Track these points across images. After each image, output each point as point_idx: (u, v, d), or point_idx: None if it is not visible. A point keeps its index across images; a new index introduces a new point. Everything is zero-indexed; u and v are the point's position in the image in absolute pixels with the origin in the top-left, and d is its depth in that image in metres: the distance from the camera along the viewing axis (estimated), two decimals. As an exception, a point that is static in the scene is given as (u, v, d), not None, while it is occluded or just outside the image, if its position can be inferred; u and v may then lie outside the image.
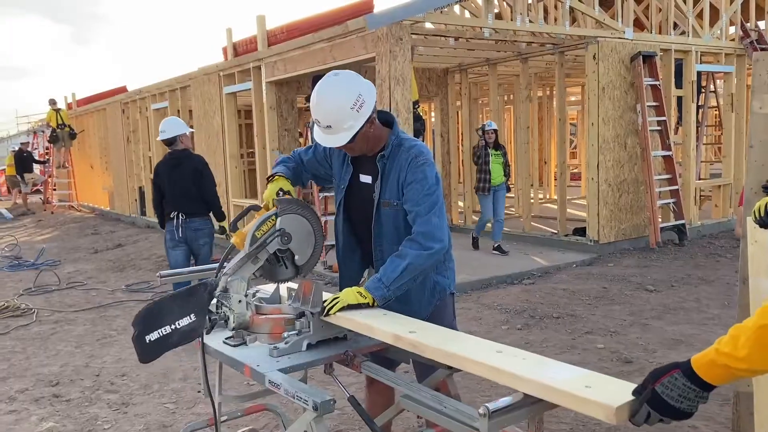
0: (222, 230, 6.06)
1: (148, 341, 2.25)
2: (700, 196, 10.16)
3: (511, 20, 7.81)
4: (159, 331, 2.26)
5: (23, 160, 17.52)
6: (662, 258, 8.14)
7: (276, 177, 2.66)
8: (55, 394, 4.47)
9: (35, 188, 19.11)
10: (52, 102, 16.48)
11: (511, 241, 9.45)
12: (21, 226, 14.66)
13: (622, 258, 8.24)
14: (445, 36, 7.76)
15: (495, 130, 8.59)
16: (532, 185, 11.85)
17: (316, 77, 8.50)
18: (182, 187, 5.68)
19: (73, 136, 16.56)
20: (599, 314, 5.92)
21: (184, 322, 2.29)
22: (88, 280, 8.26)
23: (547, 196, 13.82)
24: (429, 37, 7.93)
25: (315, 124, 2.43)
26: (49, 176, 18.25)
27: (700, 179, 10.24)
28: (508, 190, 9.02)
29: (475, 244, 8.97)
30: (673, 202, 8.87)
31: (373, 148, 2.51)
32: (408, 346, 1.94)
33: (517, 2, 7.62)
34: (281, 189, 2.62)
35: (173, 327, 2.27)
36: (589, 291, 6.70)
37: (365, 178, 2.57)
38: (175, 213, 5.70)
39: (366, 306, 2.29)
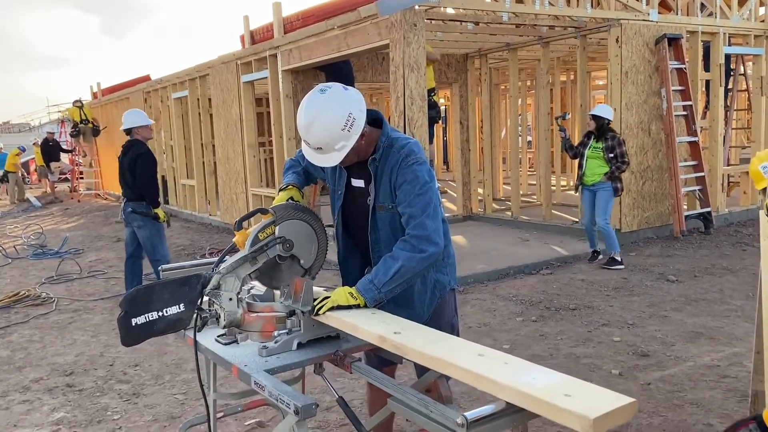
0: (156, 217, 6.38)
1: (133, 324, 2.25)
2: (729, 182, 9.87)
3: (531, 3, 7.61)
4: (146, 315, 2.25)
5: (50, 149, 17.80)
6: (686, 247, 7.93)
7: (288, 187, 2.65)
8: (68, 384, 4.53)
9: (62, 177, 19.46)
10: (76, 100, 16.85)
11: (531, 231, 9.33)
12: (49, 214, 14.94)
13: (644, 247, 8.06)
14: (462, 21, 7.61)
15: (594, 116, 7.18)
16: (554, 172, 11.66)
17: (323, 67, 8.33)
18: (123, 173, 6.41)
19: (96, 132, 16.81)
20: (617, 306, 5.79)
21: (173, 310, 2.28)
22: (108, 268, 8.36)
23: (571, 183, 13.58)
24: (447, 23, 7.79)
25: (304, 144, 2.37)
26: (76, 165, 18.55)
27: (728, 165, 9.93)
28: (617, 192, 7.19)
29: (593, 257, 7.44)
30: (698, 189, 8.63)
31: (366, 154, 2.42)
32: (392, 348, 1.89)
33: (536, -15, 7.43)
34: (291, 198, 2.62)
35: (160, 314, 2.26)
36: (608, 281, 6.56)
37: (357, 182, 2.50)
38: (122, 196, 6.62)
39: (356, 308, 2.24)
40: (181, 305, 2.31)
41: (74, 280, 7.78)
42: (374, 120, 2.45)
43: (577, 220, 9.19)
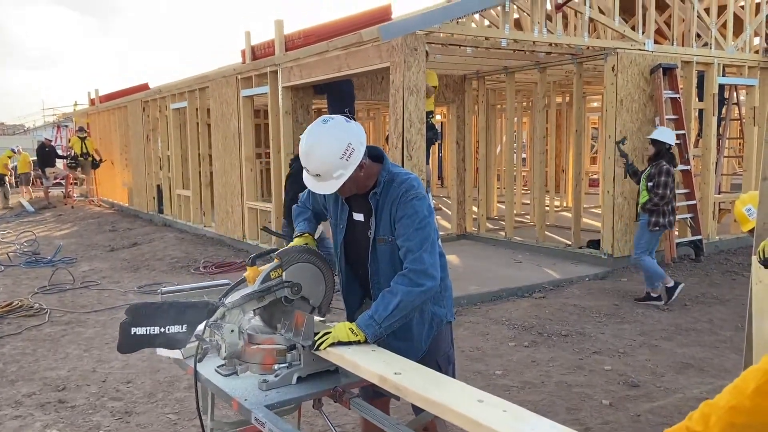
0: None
1: (133, 333, 2.30)
2: (720, 209, 9.99)
3: (530, 30, 7.72)
4: (148, 328, 2.31)
5: (46, 155, 17.76)
6: (677, 274, 7.98)
7: (303, 234, 2.72)
8: (60, 400, 4.53)
9: (56, 181, 19.41)
10: (80, 129, 16.91)
11: (524, 252, 9.40)
12: (42, 220, 14.89)
13: (636, 273, 8.11)
14: (461, 45, 7.71)
15: (653, 141, 6.70)
16: (548, 192, 11.76)
17: (319, 86, 8.37)
18: None
19: (95, 165, 16.86)
20: (609, 333, 5.84)
21: (174, 329, 2.35)
22: (102, 279, 8.35)
23: (565, 204, 13.71)
24: (447, 46, 7.87)
25: (305, 171, 2.43)
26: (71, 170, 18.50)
27: (720, 193, 10.06)
28: (654, 225, 6.63)
29: (669, 293, 6.67)
30: (690, 217, 8.72)
31: (365, 187, 2.50)
32: (392, 389, 1.93)
33: (535, 12, 7.55)
34: (306, 245, 2.69)
35: (162, 330, 2.32)
36: (600, 308, 6.61)
37: (358, 216, 2.58)
38: None
39: (357, 343, 2.28)
40: (184, 326, 2.37)
41: (67, 291, 7.76)
42: (376, 156, 2.53)
43: (570, 243, 9.28)
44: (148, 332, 2.32)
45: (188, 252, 9.93)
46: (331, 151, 2.33)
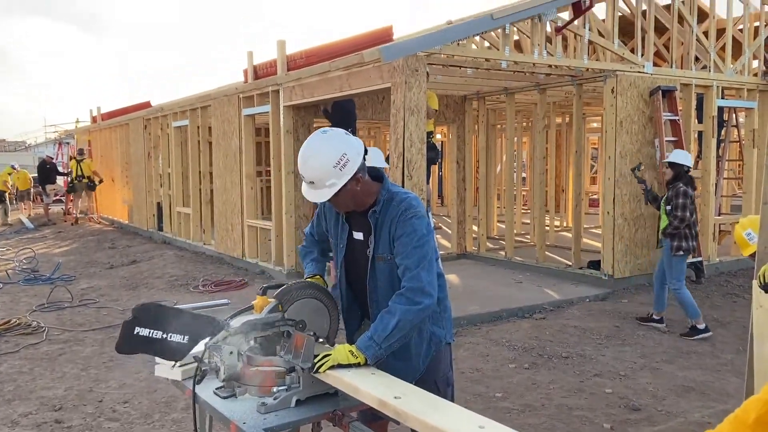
0: None
1: (135, 333, 2.29)
2: (720, 230, 9.99)
3: (530, 52, 7.79)
4: (151, 331, 2.30)
5: (46, 172, 17.79)
6: (678, 296, 7.98)
7: (314, 276, 2.77)
8: (57, 420, 4.49)
9: (56, 198, 19.42)
10: (80, 152, 16.99)
11: (524, 272, 9.38)
12: (41, 237, 14.87)
13: (636, 294, 8.10)
14: (462, 66, 7.77)
15: (671, 164, 6.53)
16: (548, 212, 11.77)
17: (325, 109, 8.45)
18: None
19: (92, 187, 16.92)
20: (609, 355, 5.81)
21: (176, 338, 2.35)
22: (100, 297, 8.32)
23: (565, 224, 13.71)
24: (447, 67, 7.93)
25: (302, 179, 2.48)
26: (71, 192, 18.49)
27: (720, 214, 10.06)
28: (677, 250, 6.36)
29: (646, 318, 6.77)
30: (690, 238, 8.71)
31: (363, 204, 2.53)
32: (392, 413, 1.91)
33: (535, 35, 7.61)
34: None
35: (164, 336, 2.31)
36: (601, 329, 6.58)
37: (358, 235, 2.60)
38: None
39: (357, 366, 2.27)
40: (186, 338, 2.37)
41: (65, 309, 7.72)
42: (376, 176, 2.58)
43: (570, 263, 9.26)
44: (150, 335, 2.32)
45: (187, 270, 9.90)
46: (326, 159, 2.38)
